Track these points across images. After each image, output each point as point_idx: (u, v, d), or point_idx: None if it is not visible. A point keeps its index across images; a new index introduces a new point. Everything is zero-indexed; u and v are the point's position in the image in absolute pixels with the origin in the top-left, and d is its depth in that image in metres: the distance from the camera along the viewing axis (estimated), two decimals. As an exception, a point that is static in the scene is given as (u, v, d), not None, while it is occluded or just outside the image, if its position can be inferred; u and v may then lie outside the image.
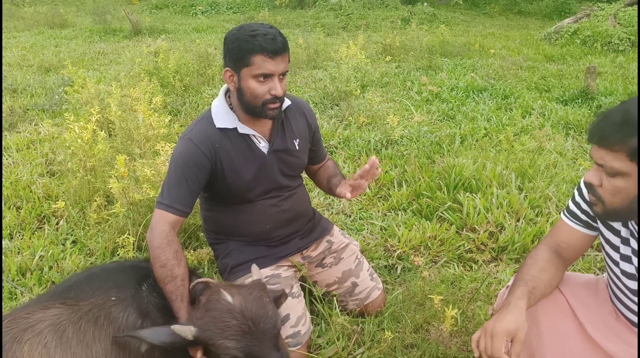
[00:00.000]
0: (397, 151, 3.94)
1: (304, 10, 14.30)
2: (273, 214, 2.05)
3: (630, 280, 1.51)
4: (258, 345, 1.50)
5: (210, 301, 1.56)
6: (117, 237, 2.51)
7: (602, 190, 1.32)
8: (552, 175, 3.41)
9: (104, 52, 8.45)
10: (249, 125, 1.91)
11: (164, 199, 1.80)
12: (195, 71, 5.87)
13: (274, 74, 1.74)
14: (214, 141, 1.86)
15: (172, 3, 15.51)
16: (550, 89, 6.01)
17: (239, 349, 1.48)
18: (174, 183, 1.82)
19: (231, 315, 1.52)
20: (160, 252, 1.72)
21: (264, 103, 1.78)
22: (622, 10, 9.99)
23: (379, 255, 2.70)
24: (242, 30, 1.74)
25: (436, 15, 12.72)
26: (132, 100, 3.81)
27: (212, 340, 1.49)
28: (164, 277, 1.69)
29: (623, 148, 1.22)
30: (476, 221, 2.90)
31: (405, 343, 2.07)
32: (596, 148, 1.29)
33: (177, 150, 1.86)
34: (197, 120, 1.94)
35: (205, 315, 1.53)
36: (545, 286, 1.57)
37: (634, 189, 1.26)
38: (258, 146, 1.95)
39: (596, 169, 1.33)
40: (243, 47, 1.71)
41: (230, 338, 1.48)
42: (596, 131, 1.28)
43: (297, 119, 2.05)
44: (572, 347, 1.58)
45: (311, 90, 5.78)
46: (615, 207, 1.32)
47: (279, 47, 1.71)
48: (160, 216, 1.79)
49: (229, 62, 1.79)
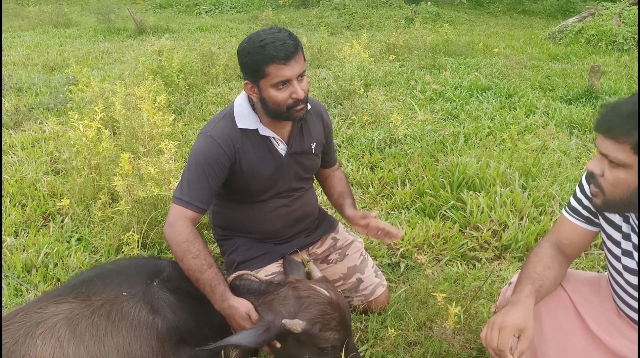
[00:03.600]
0: (401, 149, 3.95)
1: (307, 9, 14.29)
2: (283, 214, 2.07)
3: (632, 275, 1.51)
4: (348, 333, 1.66)
5: (305, 296, 1.65)
6: (122, 235, 2.53)
7: (603, 180, 1.33)
8: (555, 174, 3.41)
9: (108, 51, 8.47)
10: (270, 127, 1.92)
11: (183, 196, 1.80)
12: (199, 69, 5.88)
13: (292, 78, 1.74)
14: (235, 140, 1.87)
15: (176, 2, 15.53)
16: (554, 88, 6.00)
17: (340, 339, 1.62)
18: (194, 179, 1.82)
19: (332, 308, 1.63)
20: (190, 245, 1.73)
21: (288, 108, 1.78)
22: (627, 9, 9.94)
23: (382, 253, 2.71)
24: (251, 42, 1.73)
25: (440, 14, 12.69)
26: (137, 99, 3.84)
27: (319, 332, 1.59)
28: (199, 266, 1.70)
29: (629, 140, 1.23)
30: (479, 219, 2.90)
31: (408, 340, 2.08)
32: (602, 137, 1.30)
33: (198, 146, 1.86)
34: (219, 117, 1.94)
35: (307, 309, 1.61)
36: (550, 283, 1.58)
37: (634, 181, 1.27)
38: (277, 148, 1.96)
39: (599, 159, 1.34)
40: (256, 60, 1.71)
41: (334, 330, 1.61)
42: (604, 121, 1.29)
43: (314, 122, 2.06)
44: (574, 343, 1.59)
45: (315, 89, 5.79)
46: (614, 198, 1.33)
47: (290, 51, 1.70)
48: (179, 212, 1.80)
49: (246, 75, 1.80)
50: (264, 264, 2.04)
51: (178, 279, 1.79)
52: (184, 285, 1.78)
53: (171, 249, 1.79)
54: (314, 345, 1.60)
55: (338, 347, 1.63)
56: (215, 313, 1.77)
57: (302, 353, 1.62)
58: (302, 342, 1.61)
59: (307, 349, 1.61)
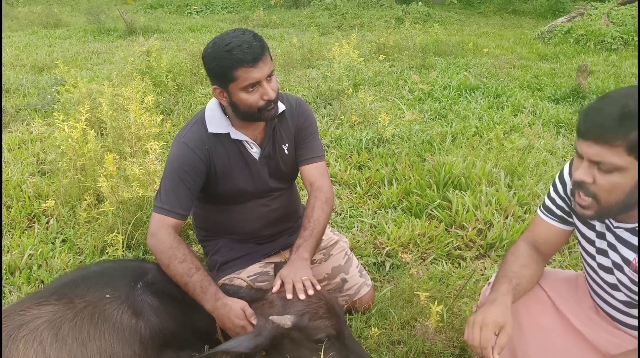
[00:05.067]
0: (389, 149, 3.96)
1: (299, 9, 14.31)
2: (263, 214, 2.06)
3: (607, 273, 1.52)
4: (340, 322, 1.66)
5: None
6: (107, 236, 2.52)
7: (596, 187, 1.29)
8: (541, 173, 3.43)
9: (97, 51, 8.44)
10: (242, 130, 1.91)
11: (163, 204, 1.79)
12: (188, 70, 5.87)
13: (261, 80, 1.74)
14: (208, 145, 1.87)
15: (167, 3, 15.49)
16: (543, 88, 6.04)
17: (332, 326, 1.61)
18: (172, 187, 1.81)
19: (317, 297, 1.64)
20: (174, 251, 1.72)
21: (260, 109, 1.79)
22: (615, 9, 10.03)
23: (368, 252, 2.71)
24: (216, 47, 1.72)
25: (431, 14, 12.73)
26: (124, 99, 3.82)
27: (309, 323, 1.59)
28: (187, 270, 1.69)
29: (623, 143, 1.20)
30: (465, 218, 2.92)
31: (392, 339, 2.09)
32: (591, 144, 1.25)
33: (173, 154, 1.86)
34: (191, 123, 1.93)
35: (293, 304, 1.62)
36: (527, 281, 1.59)
37: (630, 183, 1.24)
38: (250, 152, 1.95)
39: (587, 167, 1.29)
40: (223, 65, 1.71)
41: (324, 317, 1.61)
42: (594, 127, 1.23)
43: (287, 123, 2.04)
44: (554, 341, 1.60)
45: (304, 89, 5.79)
46: (610, 203, 1.30)
47: (257, 54, 1.70)
48: (160, 221, 1.79)
49: (214, 81, 1.79)
50: (246, 265, 2.03)
51: (162, 282, 1.78)
52: (168, 287, 1.77)
53: (156, 258, 1.77)
54: (309, 340, 1.60)
55: (334, 337, 1.62)
56: (199, 317, 1.77)
57: (302, 354, 1.61)
58: (297, 340, 1.60)
59: (304, 347, 1.61)
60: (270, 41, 9.49)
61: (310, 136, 2.08)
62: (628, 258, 1.42)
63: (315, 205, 1.93)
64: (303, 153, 2.07)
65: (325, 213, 1.94)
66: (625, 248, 1.42)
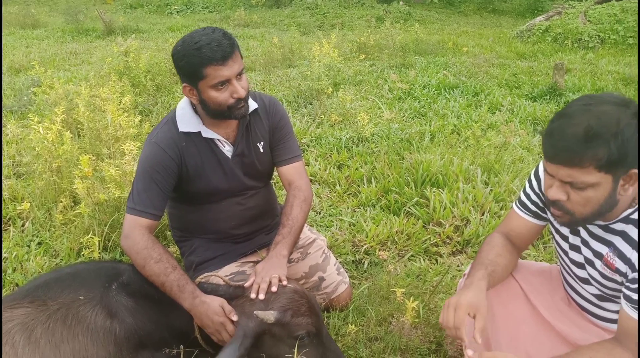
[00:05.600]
0: (368, 148, 3.98)
1: (280, 9, 14.29)
2: (238, 212, 2.05)
3: (578, 269, 1.56)
4: (320, 320, 1.69)
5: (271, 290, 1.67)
6: (82, 238, 2.49)
7: (570, 204, 1.33)
8: (517, 170, 3.48)
9: (75, 52, 8.34)
10: (214, 128, 1.91)
11: (136, 205, 1.79)
12: (167, 70, 5.82)
13: (231, 78, 1.74)
14: (179, 144, 1.86)
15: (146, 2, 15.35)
16: (521, 86, 6.12)
17: (312, 323, 1.64)
18: (143, 187, 1.81)
19: (299, 295, 1.68)
20: (150, 251, 1.71)
21: (230, 107, 1.79)
22: (592, 7, 10.20)
23: (346, 250, 2.73)
24: (185, 45, 1.72)
25: (411, 14, 12.81)
26: (101, 100, 3.78)
27: (291, 319, 1.62)
28: (164, 269, 1.69)
29: (592, 163, 1.23)
30: (442, 215, 2.95)
31: (369, 336, 2.10)
32: (561, 167, 1.28)
33: (144, 154, 1.85)
34: (162, 123, 1.93)
35: (275, 300, 1.64)
36: (502, 270, 1.63)
37: (603, 194, 1.28)
38: (222, 150, 1.95)
39: (560, 186, 1.32)
40: (192, 63, 1.70)
41: (306, 314, 1.64)
42: (561, 152, 1.26)
43: (261, 122, 2.03)
44: (525, 331, 1.64)
45: (285, 89, 5.80)
46: (586, 215, 1.34)
47: (227, 52, 1.70)
48: (134, 221, 1.78)
49: (183, 78, 1.79)
50: (222, 264, 2.03)
51: (138, 282, 1.77)
52: (144, 288, 1.77)
53: (131, 259, 1.76)
54: (290, 336, 1.62)
55: (313, 334, 1.65)
56: (176, 317, 1.77)
57: (281, 350, 1.62)
58: (278, 336, 1.62)
59: (284, 344, 1.62)
60: (251, 41, 9.47)
61: (287, 136, 2.09)
62: (600, 252, 1.45)
63: (294, 203, 1.97)
64: (280, 154, 2.08)
65: (304, 212, 1.98)
66: (598, 243, 1.46)
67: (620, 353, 1.35)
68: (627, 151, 1.21)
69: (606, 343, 1.40)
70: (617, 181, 1.27)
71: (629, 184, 1.29)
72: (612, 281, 1.45)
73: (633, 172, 1.26)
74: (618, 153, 1.21)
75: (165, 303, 1.77)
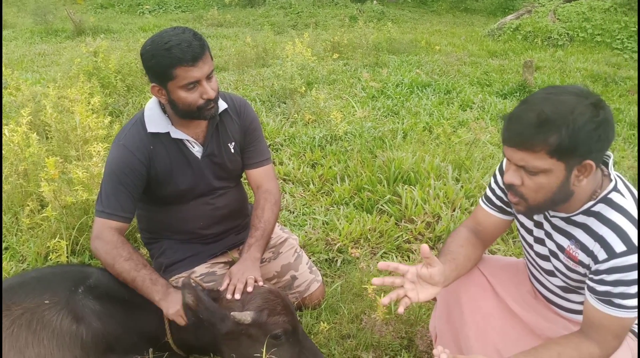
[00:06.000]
0: (341, 146, 3.99)
1: (253, 8, 14.21)
2: (207, 212, 2.04)
3: (543, 261, 1.59)
4: (295, 318, 1.71)
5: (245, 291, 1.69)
6: (50, 241, 2.45)
7: (524, 189, 1.36)
8: (488, 166, 3.53)
9: (44, 53, 8.18)
10: (183, 129, 1.88)
11: (105, 208, 1.77)
12: (138, 70, 5.74)
13: (201, 79, 1.73)
14: (147, 146, 1.84)
15: (117, 2, 15.10)
16: (492, 84, 6.21)
17: (288, 322, 1.66)
18: (112, 190, 1.78)
19: (274, 295, 1.70)
20: (119, 250, 1.71)
21: (199, 108, 1.77)
22: (561, 6, 10.41)
23: (320, 248, 2.73)
24: (155, 45, 1.70)
25: (385, 13, 12.88)
26: (69, 101, 3.72)
27: (267, 318, 1.63)
28: (135, 266, 1.69)
29: (544, 148, 1.26)
30: (414, 212, 2.97)
31: (342, 333, 2.11)
32: (515, 150, 1.31)
33: (112, 156, 1.82)
34: (130, 124, 1.90)
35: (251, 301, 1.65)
36: (464, 259, 1.65)
37: (555, 182, 1.31)
38: (192, 151, 1.93)
39: (515, 170, 1.36)
40: (162, 63, 1.68)
41: (282, 313, 1.66)
42: (515, 136, 1.29)
43: (232, 121, 2.02)
44: (493, 324, 1.66)
45: (259, 88, 5.78)
46: (538, 202, 1.37)
47: (197, 52, 1.68)
48: (103, 224, 1.76)
49: (152, 78, 1.76)
50: (192, 266, 2.01)
51: (106, 285, 1.75)
52: (112, 291, 1.74)
53: (100, 260, 1.74)
54: (267, 335, 1.62)
55: (290, 332, 1.66)
56: (146, 320, 1.75)
57: (259, 350, 1.61)
58: (254, 336, 1.62)
59: (261, 344, 1.61)
60: (225, 40, 9.41)
61: (257, 139, 2.10)
62: (562, 245, 1.48)
63: (265, 206, 2.00)
64: (250, 156, 2.09)
65: (275, 214, 2.03)
66: (560, 235, 1.49)
67: (588, 347, 1.38)
68: (579, 140, 1.24)
69: (573, 337, 1.42)
70: (571, 170, 1.30)
71: (583, 175, 1.31)
72: (575, 273, 1.47)
73: (587, 163, 1.28)
74: (569, 140, 1.23)
75: (135, 307, 1.75)
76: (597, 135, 1.25)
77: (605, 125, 1.26)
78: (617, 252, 1.31)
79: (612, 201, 1.37)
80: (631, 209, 1.35)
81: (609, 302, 1.35)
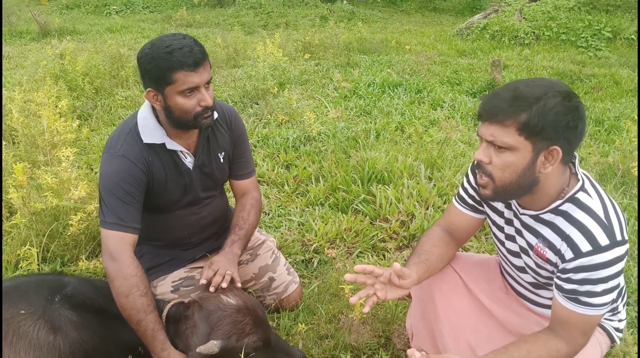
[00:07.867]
0: (315, 147, 4.00)
1: (223, 8, 14.10)
2: (192, 222, 2.03)
3: (514, 258, 1.63)
4: (266, 330, 1.68)
5: (211, 312, 1.63)
6: (20, 249, 2.39)
7: (491, 167, 1.40)
8: (459, 164, 3.59)
9: (8, 56, 7.94)
10: (176, 140, 1.86)
11: (118, 220, 1.70)
12: (107, 72, 5.66)
13: (200, 86, 1.70)
14: (146, 157, 1.80)
15: (84, 3, 14.78)
16: (461, 83, 6.30)
17: (260, 339, 1.63)
18: (119, 202, 1.72)
19: (242, 314, 1.64)
20: (138, 280, 1.65)
21: (196, 116, 1.74)
22: (527, 5, 10.63)
23: (296, 250, 2.74)
24: (155, 48, 1.66)
25: (355, 12, 12.94)
26: (36, 105, 3.63)
27: (238, 342, 1.58)
28: (146, 306, 1.63)
29: (514, 123, 1.31)
30: (388, 211, 3.00)
31: (320, 334, 2.12)
32: (487, 124, 1.36)
33: (112, 168, 1.75)
34: (124, 133, 1.82)
35: (217, 326, 1.60)
36: (436, 258, 1.68)
37: (521, 163, 1.35)
38: (184, 162, 1.91)
39: (485, 148, 1.40)
40: (162, 66, 1.65)
41: (251, 333, 1.62)
42: (488, 108, 1.36)
43: (222, 132, 2.01)
44: (466, 321, 1.70)
45: (230, 89, 5.74)
46: (504, 183, 1.39)
47: (198, 58, 1.66)
48: (121, 239, 1.69)
49: (149, 82, 1.71)
50: (170, 270, 2.00)
51: (83, 294, 1.72)
52: (89, 300, 1.72)
53: (114, 283, 1.65)
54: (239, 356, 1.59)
55: (261, 348, 1.64)
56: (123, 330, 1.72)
57: None
58: None
59: None
60: (195, 41, 9.29)
61: (246, 151, 2.14)
62: (531, 243, 1.52)
63: (252, 211, 2.09)
64: (240, 168, 2.12)
65: (257, 220, 2.12)
66: (529, 233, 1.53)
67: (556, 344, 1.42)
68: (547, 121, 1.29)
69: (541, 335, 1.46)
70: (537, 153, 1.34)
71: (549, 162, 1.35)
72: (544, 270, 1.52)
73: (554, 148, 1.32)
74: (538, 119, 1.29)
75: (111, 317, 1.72)
76: (566, 121, 1.30)
77: (575, 113, 1.30)
78: (583, 251, 1.35)
79: (579, 201, 1.41)
80: (597, 209, 1.39)
81: (576, 300, 1.39)
